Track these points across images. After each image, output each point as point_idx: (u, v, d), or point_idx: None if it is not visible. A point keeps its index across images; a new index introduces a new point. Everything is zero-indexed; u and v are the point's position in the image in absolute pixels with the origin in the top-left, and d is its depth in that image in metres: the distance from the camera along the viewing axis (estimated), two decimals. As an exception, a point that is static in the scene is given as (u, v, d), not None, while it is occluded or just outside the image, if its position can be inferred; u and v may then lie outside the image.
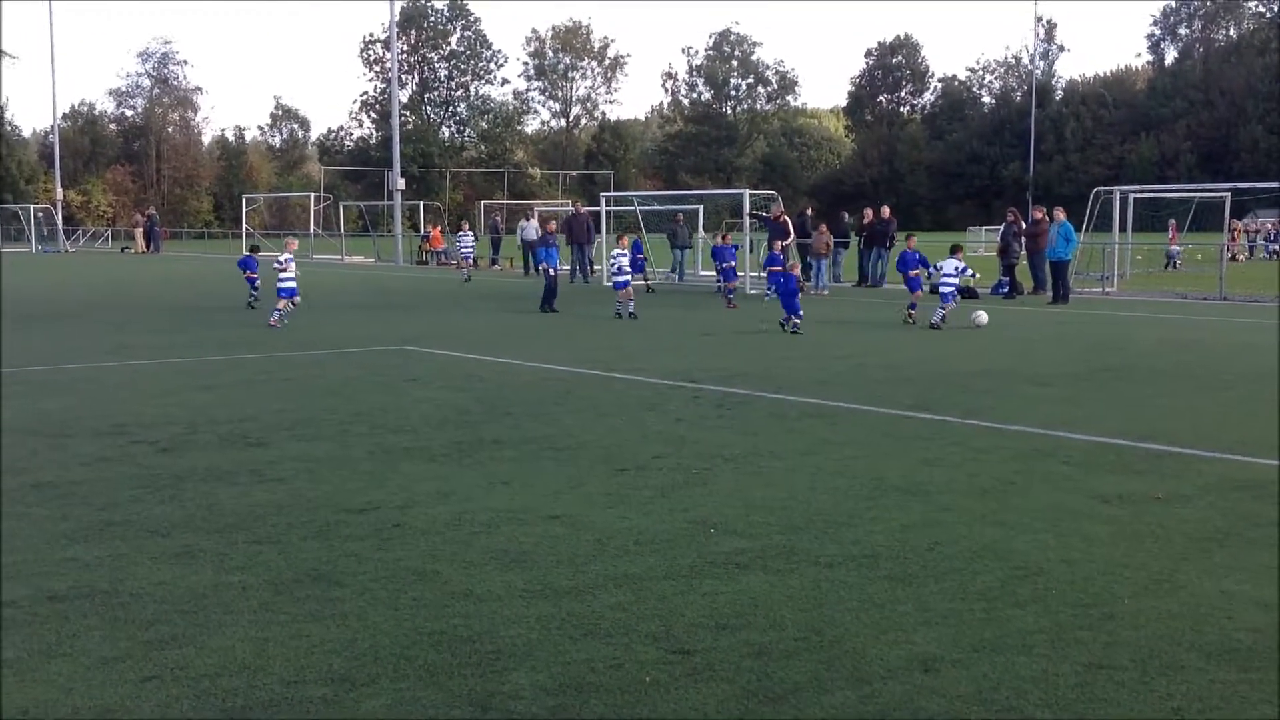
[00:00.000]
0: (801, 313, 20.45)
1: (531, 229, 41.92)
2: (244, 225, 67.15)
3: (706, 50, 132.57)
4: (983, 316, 21.08)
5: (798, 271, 22.64)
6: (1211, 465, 9.24)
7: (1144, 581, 6.27)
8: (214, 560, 6.69)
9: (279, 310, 21.64)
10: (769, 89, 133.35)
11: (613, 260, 23.95)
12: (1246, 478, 8.76)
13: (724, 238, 29.22)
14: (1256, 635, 5.46)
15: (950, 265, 21.50)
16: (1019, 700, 4.75)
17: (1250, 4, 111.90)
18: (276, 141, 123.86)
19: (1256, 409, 12.05)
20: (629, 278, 23.46)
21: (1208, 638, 5.44)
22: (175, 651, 5.29)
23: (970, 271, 22.39)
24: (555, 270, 25.18)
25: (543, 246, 26.35)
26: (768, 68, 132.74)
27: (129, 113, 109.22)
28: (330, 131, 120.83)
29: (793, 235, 31.12)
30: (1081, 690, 4.85)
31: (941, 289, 21.38)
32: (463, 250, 40.49)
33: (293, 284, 22.15)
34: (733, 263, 27.60)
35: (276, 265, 22.47)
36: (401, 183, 53.84)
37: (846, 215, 36.17)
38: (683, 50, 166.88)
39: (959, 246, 22.78)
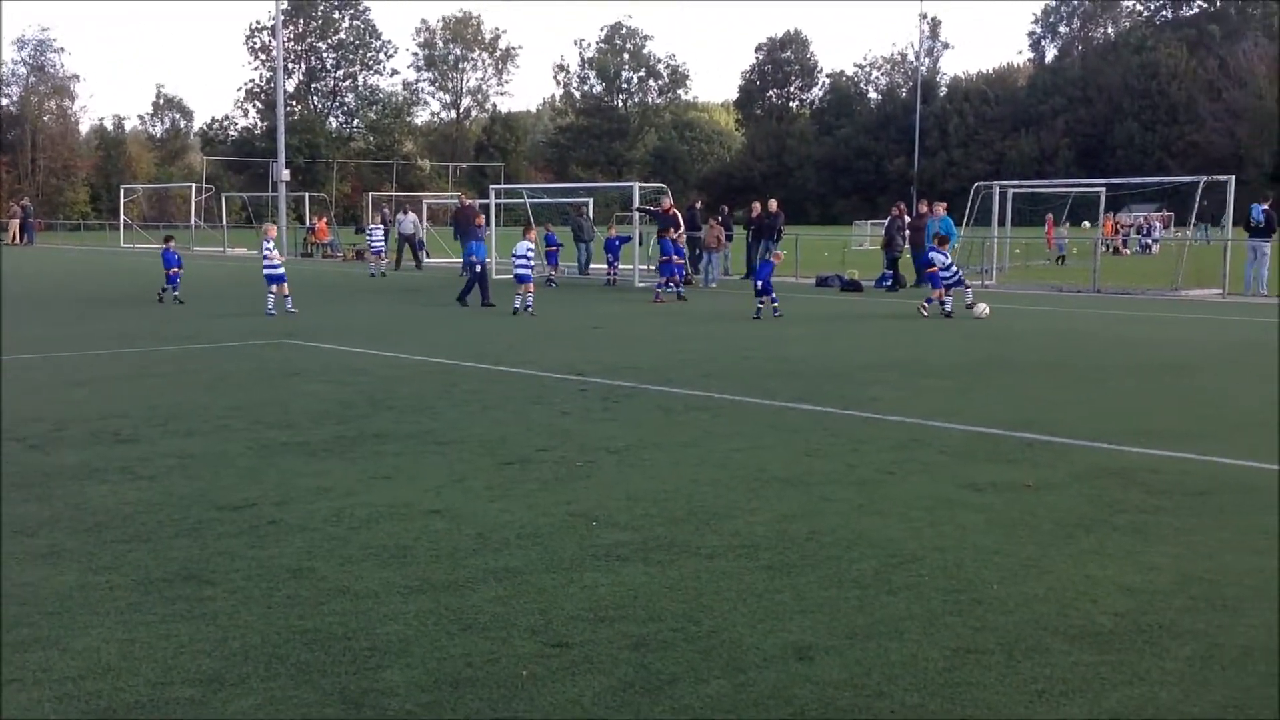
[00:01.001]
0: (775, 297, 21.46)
1: (409, 222, 41.48)
2: (122, 216, 65.63)
3: (598, 43, 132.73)
4: (983, 308, 21.67)
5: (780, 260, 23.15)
6: (1082, 453, 9.48)
7: (1013, 567, 6.42)
8: (81, 560, 6.53)
9: (273, 295, 21.95)
10: (660, 82, 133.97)
11: (516, 254, 23.61)
12: (1115, 465, 9.00)
13: (613, 230, 29.24)
14: (1118, 619, 5.62)
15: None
16: (890, 685, 4.83)
17: (1127, 3, 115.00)
18: (158, 131, 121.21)
19: (1127, 399, 12.40)
20: (531, 271, 23.27)
21: (1072, 621, 5.58)
22: (38, 654, 5.15)
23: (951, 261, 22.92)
24: (483, 264, 24.90)
25: (473, 240, 26.01)
26: (659, 61, 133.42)
27: (4, 101, 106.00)
28: (214, 121, 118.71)
29: (683, 227, 31.27)
30: (950, 674, 4.95)
31: (943, 274, 22.22)
32: (373, 245, 38.37)
33: (280, 270, 22.33)
34: (674, 257, 26.93)
35: (263, 254, 22.92)
36: (286, 174, 53.00)
37: (726, 209, 36.53)
38: (574, 43, 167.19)
39: (945, 238, 23.62)
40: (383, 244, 38.05)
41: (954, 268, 22.58)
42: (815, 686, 4.82)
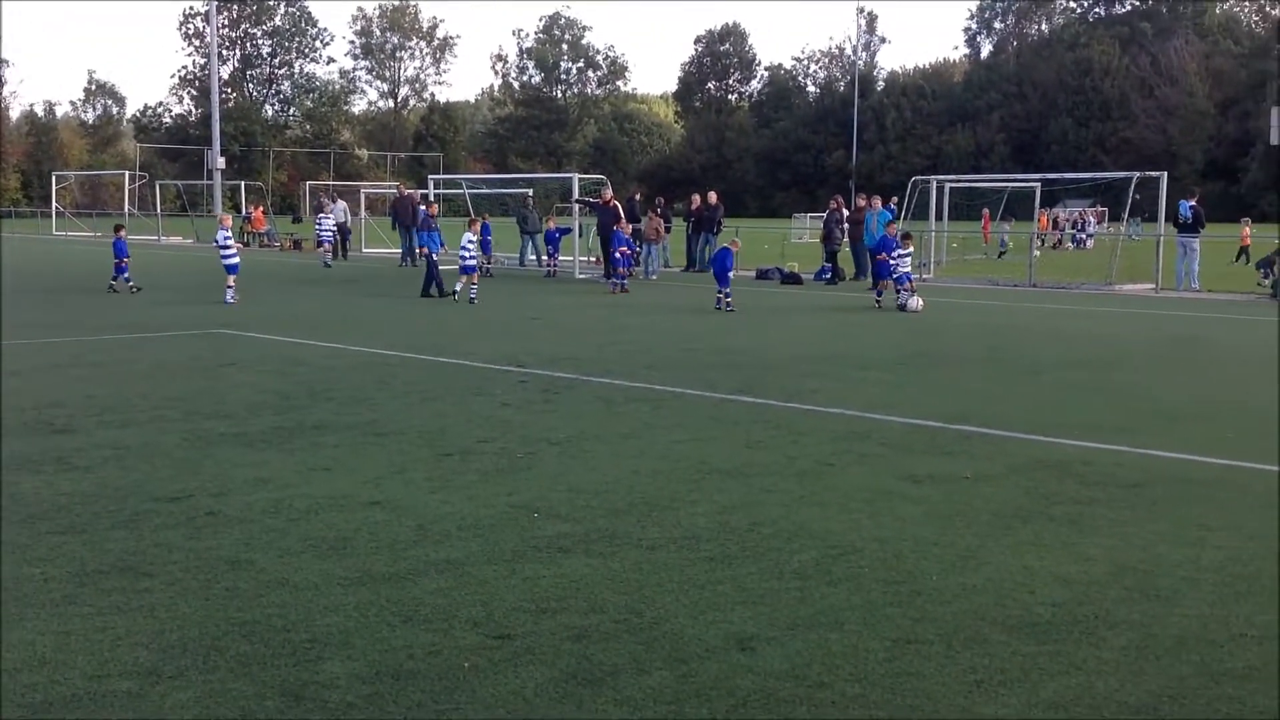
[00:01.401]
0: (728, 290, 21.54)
1: (339, 210, 41.00)
2: (54, 204, 64.55)
3: (537, 33, 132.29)
4: (917, 301, 21.84)
5: (738, 248, 23.00)
6: (1019, 446, 9.59)
7: (951, 559, 6.49)
8: (15, 551, 6.42)
9: (229, 287, 22.08)
10: (599, 73, 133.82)
11: (464, 246, 23.45)
12: (1051, 458, 9.12)
13: (552, 221, 29.14)
14: (1055, 609, 5.70)
15: (468, 238, 22.82)
16: (830, 675, 4.87)
17: (1061, 0, 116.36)
18: (90, 118, 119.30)
19: (1063, 392, 12.56)
20: (476, 262, 23.29)
21: (1010, 612, 5.65)
22: (-30, 648, 5.06)
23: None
24: (435, 255, 24.66)
25: (424, 230, 25.76)
26: (598, 52, 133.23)
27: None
28: (147, 108, 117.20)
29: (624, 219, 31.26)
30: (890, 664, 5.00)
31: (900, 269, 22.29)
32: (321, 234, 37.17)
33: (235, 259, 22.51)
34: (627, 249, 26.95)
35: (217, 243, 23.20)
36: (222, 161, 52.43)
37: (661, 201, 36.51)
38: (513, 33, 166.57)
39: (909, 235, 23.86)
40: (332, 233, 37.18)
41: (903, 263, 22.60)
42: (757, 677, 4.85)
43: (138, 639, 5.18)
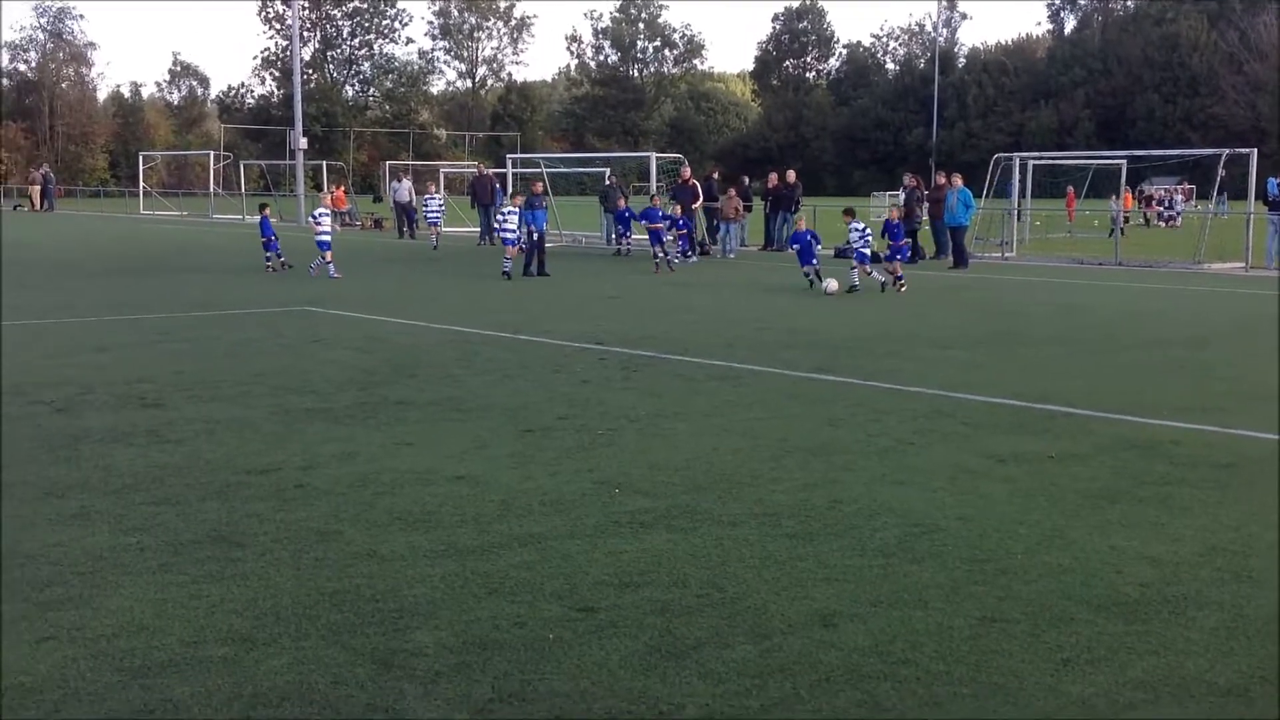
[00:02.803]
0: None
1: (404, 190, 41.18)
2: (141, 184, 65.72)
3: (612, 13, 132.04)
4: (832, 284, 21.50)
5: (802, 227, 22.65)
6: (1105, 426, 9.47)
7: (1037, 538, 6.44)
8: (111, 521, 6.59)
9: (324, 262, 23.07)
10: (676, 52, 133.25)
11: (502, 217, 23.98)
12: (1138, 438, 9.00)
13: (623, 201, 29.03)
14: (1144, 589, 5.63)
15: (855, 231, 21.83)
16: (914, 653, 4.86)
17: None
18: (175, 99, 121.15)
19: (1149, 372, 12.38)
20: (515, 235, 23.60)
21: (1097, 591, 5.60)
22: (72, 613, 5.21)
23: (867, 232, 22.45)
24: (540, 233, 24.80)
25: (529, 210, 25.88)
26: (674, 31, 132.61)
27: (22, 67, 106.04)
28: (230, 89, 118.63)
29: (701, 198, 31.22)
30: (975, 642, 4.98)
31: (860, 248, 21.61)
32: (430, 215, 35.53)
33: (328, 236, 23.48)
34: (660, 224, 26.55)
35: (311, 221, 24.72)
36: (304, 142, 52.96)
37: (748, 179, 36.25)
38: (585, 15, 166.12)
39: (851, 210, 23.34)
40: (440, 214, 35.89)
41: (866, 240, 21.86)
42: (840, 653, 4.86)
43: (232, 606, 5.30)
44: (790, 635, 5.04)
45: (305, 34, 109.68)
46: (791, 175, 33.81)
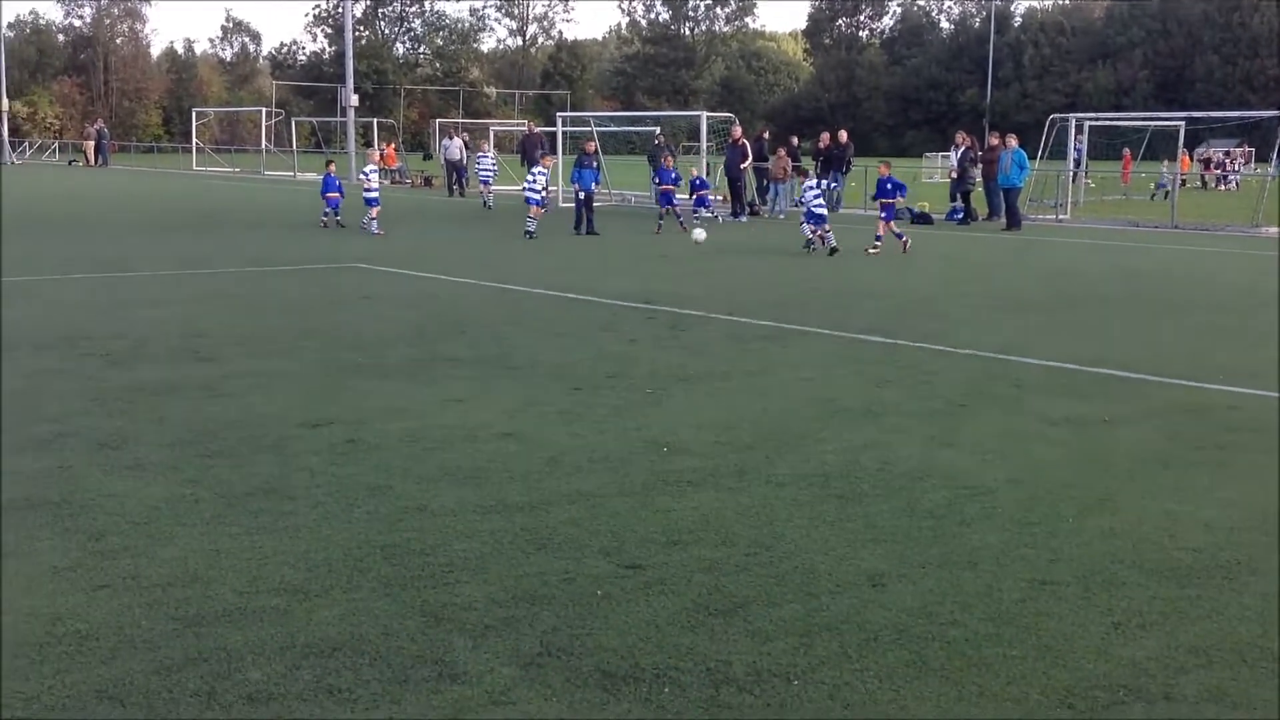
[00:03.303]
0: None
1: (455, 148, 41.11)
2: (194, 140, 66.15)
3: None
4: (700, 234, 21.50)
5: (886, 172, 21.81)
6: (1159, 390, 9.37)
7: (1088, 501, 6.38)
8: (165, 473, 6.67)
9: (371, 218, 23.41)
10: (727, 10, 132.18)
11: (531, 178, 23.98)
12: (1192, 402, 8.90)
13: (670, 160, 28.71)
14: (1196, 554, 5.58)
15: (810, 189, 21.74)
16: (963, 614, 4.84)
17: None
18: (227, 55, 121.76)
19: (1204, 336, 12.22)
20: (541, 195, 23.50)
21: (1149, 556, 5.56)
22: (127, 561, 5.29)
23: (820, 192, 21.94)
24: (588, 192, 24.77)
25: (577, 169, 25.78)
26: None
27: (76, 22, 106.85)
28: (282, 45, 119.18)
29: (751, 157, 31.02)
30: (1024, 605, 4.95)
31: (814, 209, 21.04)
32: (482, 173, 34.51)
33: (376, 194, 23.88)
34: (671, 188, 26.09)
35: (362, 177, 25.01)
36: (355, 99, 53.07)
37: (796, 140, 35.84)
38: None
39: (803, 169, 23.96)
40: (492, 173, 34.91)
41: (819, 199, 21.32)
42: (888, 613, 4.85)
43: (284, 558, 5.36)
44: (838, 595, 5.04)
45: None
46: (843, 135, 33.51)
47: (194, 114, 70.75)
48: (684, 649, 4.49)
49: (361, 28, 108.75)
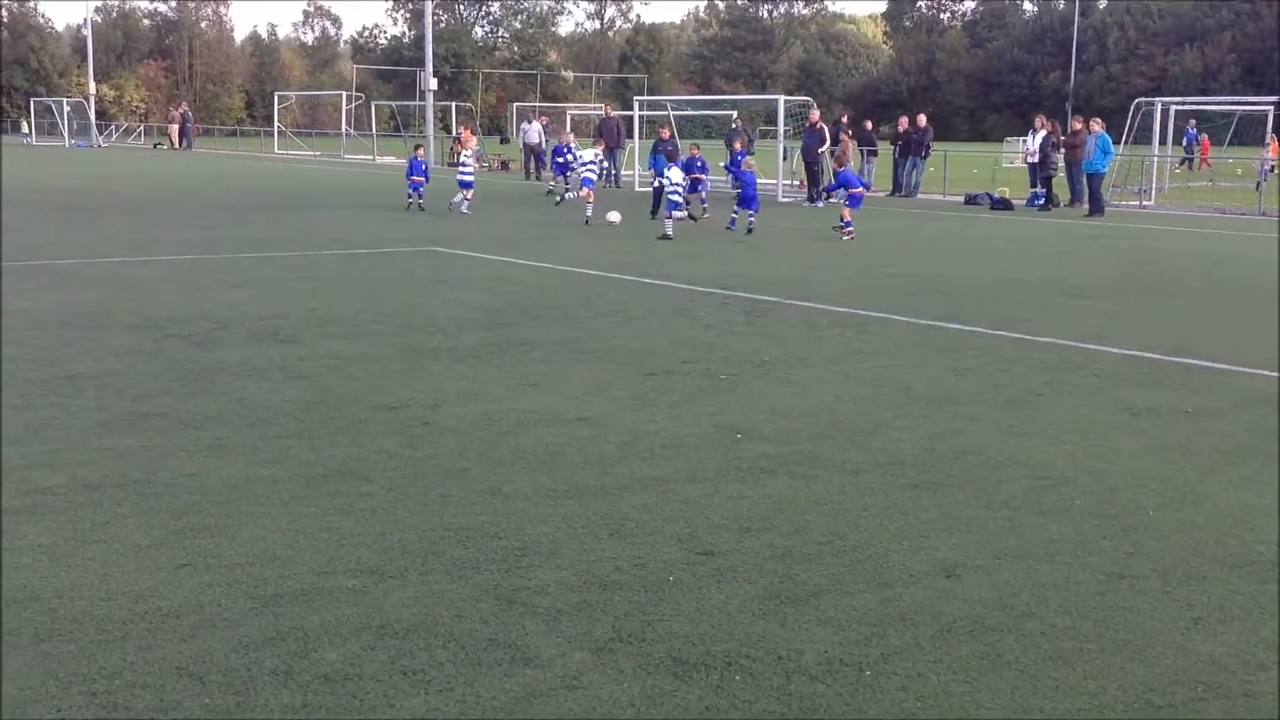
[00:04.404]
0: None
1: (534, 131, 41.15)
2: (276, 123, 67.00)
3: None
4: (615, 216, 21.98)
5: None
6: (1242, 380, 9.19)
7: (1169, 494, 6.28)
8: (245, 453, 6.78)
9: (465, 199, 24.26)
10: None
11: (581, 163, 24.18)
12: (1276, 393, 8.71)
13: (695, 148, 28.29)
14: (1277, 549, 5.47)
15: (589, 154, 23.09)
16: (1039, 606, 4.79)
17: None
18: (309, 39, 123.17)
19: (1291, 326, 11.96)
20: (594, 178, 23.82)
21: (1229, 550, 5.46)
22: (208, 540, 5.38)
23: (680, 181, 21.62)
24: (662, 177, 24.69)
25: (654, 154, 25.70)
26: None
27: (161, 7, 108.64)
28: (363, 29, 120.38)
29: (828, 142, 30.76)
30: (1102, 598, 4.89)
31: (671, 197, 21.11)
32: (587, 166, 24.77)
33: (471, 176, 24.75)
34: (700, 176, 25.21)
35: (460, 161, 26.13)
36: (434, 83, 53.41)
37: (869, 124, 35.50)
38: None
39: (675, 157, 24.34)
40: (593, 167, 29.66)
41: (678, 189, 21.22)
42: (963, 604, 4.81)
43: (360, 540, 5.43)
44: (912, 585, 5.01)
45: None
46: (922, 119, 33.17)
47: (276, 98, 71.67)
48: (755, 637, 4.48)
49: (440, 11, 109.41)
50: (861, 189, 21.93)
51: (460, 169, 25.13)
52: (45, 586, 4.84)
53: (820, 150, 30.22)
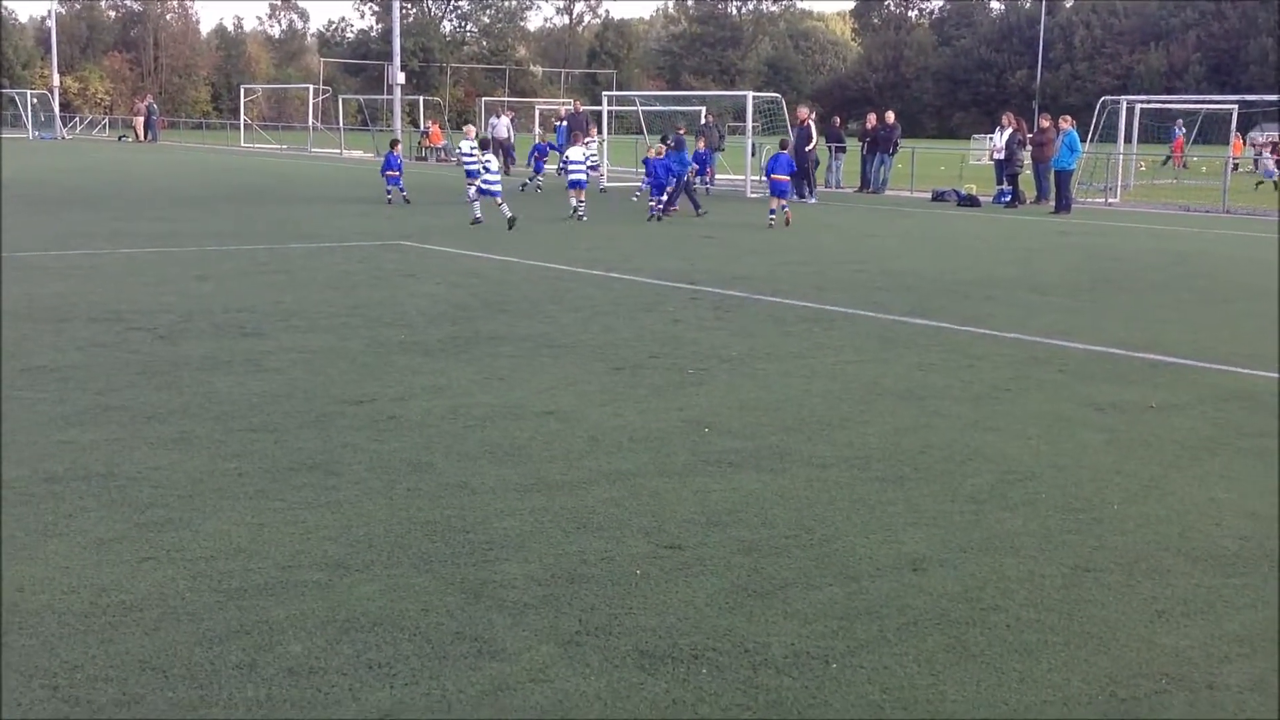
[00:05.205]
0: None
1: (503, 126, 41.03)
2: (242, 116, 66.56)
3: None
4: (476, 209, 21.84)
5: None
6: (1206, 376, 9.27)
7: (1134, 488, 6.32)
8: (210, 447, 6.73)
9: (471, 192, 23.30)
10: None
11: (573, 162, 23.43)
12: (1240, 388, 8.79)
13: (703, 143, 28.31)
14: (1243, 542, 5.52)
15: (577, 152, 22.81)
16: (1005, 600, 4.81)
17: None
18: (275, 32, 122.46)
19: (1254, 322, 12.06)
20: (584, 177, 23.12)
21: (1194, 544, 5.50)
22: (171, 534, 5.34)
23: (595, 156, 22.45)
24: (679, 176, 24.32)
25: (675, 151, 25.43)
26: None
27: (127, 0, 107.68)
28: (331, 23, 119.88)
29: (815, 139, 30.52)
30: (1067, 591, 4.91)
31: (572, 176, 21.99)
32: (572, 171, 23.61)
33: (475, 167, 23.28)
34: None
35: (463, 153, 25.79)
36: (401, 77, 53.17)
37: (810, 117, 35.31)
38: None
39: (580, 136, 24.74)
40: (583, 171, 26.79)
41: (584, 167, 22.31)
42: (929, 597, 4.82)
43: (326, 533, 5.39)
44: (878, 578, 5.02)
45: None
46: (890, 116, 33.25)
47: (242, 90, 71.18)
48: (722, 630, 4.48)
49: (409, 5, 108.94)
50: (785, 177, 22.55)
51: (465, 160, 24.91)
52: (6, 580, 4.78)
53: (808, 148, 30.06)
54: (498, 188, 20.85)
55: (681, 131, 29.45)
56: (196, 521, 5.51)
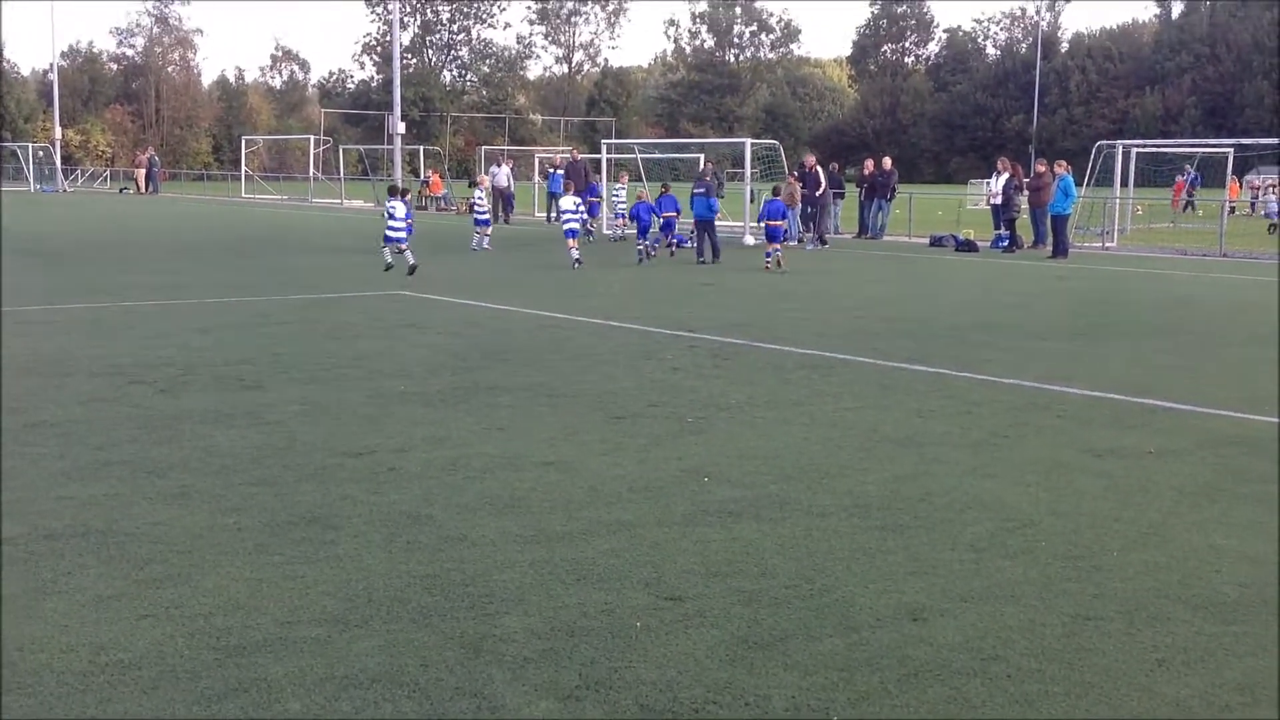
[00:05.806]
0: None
1: (502, 175, 41.22)
2: (243, 167, 66.88)
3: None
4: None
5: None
6: (1205, 421, 9.27)
7: (1133, 535, 6.32)
8: (210, 501, 6.73)
9: (483, 237, 26.55)
10: (772, 37, 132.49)
11: (566, 211, 23.66)
12: (1239, 433, 8.79)
13: (665, 188, 28.26)
14: (1243, 589, 5.51)
15: (569, 201, 23.79)
16: (1005, 649, 4.80)
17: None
18: (277, 83, 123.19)
19: (1252, 366, 12.08)
20: (577, 227, 23.66)
21: (1195, 591, 5.49)
22: (170, 590, 5.33)
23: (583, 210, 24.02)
24: (702, 220, 24.43)
25: (693, 195, 25.56)
26: (771, 15, 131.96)
27: (129, 52, 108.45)
28: (331, 74, 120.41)
29: (823, 185, 30.57)
30: (1068, 640, 4.90)
31: (566, 226, 23.28)
32: (566, 216, 23.88)
33: (486, 214, 26.93)
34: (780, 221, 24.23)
35: (474, 201, 28.16)
36: (402, 126, 53.42)
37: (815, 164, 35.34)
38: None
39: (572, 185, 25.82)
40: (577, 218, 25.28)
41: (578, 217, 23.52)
42: (930, 648, 4.81)
43: (325, 588, 5.39)
44: (879, 629, 5.01)
45: (406, 19, 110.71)
46: (888, 162, 33.44)
47: (243, 141, 71.55)
48: (723, 683, 4.47)
49: (409, 55, 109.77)
50: (780, 222, 23.42)
51: (476, 209, 27.34)
52: (4, 638, 4.77)
53: (818, 193, 30.11)
54: (401, 234, 20.65)
55: (707, 171, 28.58)
56: (195, 577, 5.50)
